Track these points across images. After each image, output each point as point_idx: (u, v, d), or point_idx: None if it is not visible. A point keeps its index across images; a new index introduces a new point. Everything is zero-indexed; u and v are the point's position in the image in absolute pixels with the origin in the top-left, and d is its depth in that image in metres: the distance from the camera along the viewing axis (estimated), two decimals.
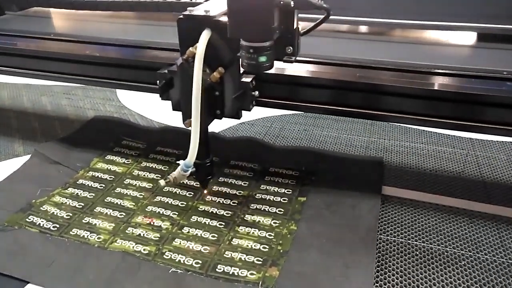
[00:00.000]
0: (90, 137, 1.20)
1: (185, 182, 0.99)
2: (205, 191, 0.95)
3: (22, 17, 2.20)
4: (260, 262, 0.77)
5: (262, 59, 0.70)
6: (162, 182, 0.80)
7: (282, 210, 0.90)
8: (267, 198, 0.94)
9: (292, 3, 0.68)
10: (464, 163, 1.09)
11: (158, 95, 0.90)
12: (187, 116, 0.79)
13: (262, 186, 0.98)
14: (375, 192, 0.95)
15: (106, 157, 1.10)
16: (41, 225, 0.86)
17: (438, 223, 0.88)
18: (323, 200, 0.93)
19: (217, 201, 0.93)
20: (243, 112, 0.86)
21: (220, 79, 0.79)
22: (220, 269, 0.76)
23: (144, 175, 1.03)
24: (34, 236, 0.84)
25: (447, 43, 1.87)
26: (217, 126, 1.26)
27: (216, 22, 0.74)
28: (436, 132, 1.24)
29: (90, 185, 0.99)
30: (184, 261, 0.78)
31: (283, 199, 0.93)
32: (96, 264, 0.77)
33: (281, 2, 0.68)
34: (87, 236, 0.84)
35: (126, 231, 0.85)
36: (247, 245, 0.81)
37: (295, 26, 0.73)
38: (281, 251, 0.80)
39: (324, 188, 0.96)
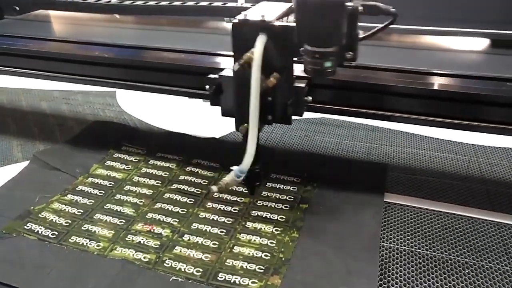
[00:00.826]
0: (90, 143, 1.19)
1: (185, 189, 0.98)
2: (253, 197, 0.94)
3: (21, 21, 2.20)
4: (262, 271, 0.76)
5: (328, 64, 0.70)
6: (214, 187, 0.78)
7: (284, 217, 0.89)
8: (269, 205, 0.93)
9: (360, 8, 0.68)
10: (467, 170, 1.08)
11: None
12: (241, 122, 0.79)
13: (263, 192, 0.97)
14: (377, 199, 0.94)
15: (106, 163, 1.09)
16: (40, 232, 0.85)
17: (441, 231, 0.87)
18: (325, 206, 0.92)
19: (218, 208, 0.92)
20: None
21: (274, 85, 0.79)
22: (222, 277, 0.75)
23: (144, 181, 1.02)
24: (33, 244, 0.83)
25: (453, 49, 1.88)
26: (218, 131, 1.25)
27: (272, 27, 0.74)
28: (438, 138, 1.23)
29: (89, 191, 0.98)
30: (185, 269, 0.77)
31: (284, 206, 0.92)
32: (96, 272, 0.76)
33: (350, 7, 0.68)
34: (87, 243, 0.83)
35: (126, 239, 0.84)
36: (249, 253, 0.80)
37: (357, 31, 0.73)
38: (283, 259, 0.79)
39: (326, 194, 0.96)
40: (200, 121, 1.32)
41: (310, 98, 0.84)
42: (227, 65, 0.90)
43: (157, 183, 1.01)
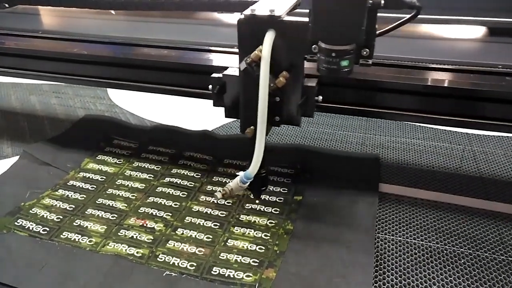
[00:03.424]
0: (81, 137, 1.17)
1: (178, 182, 0.97)
2: (257, 201, 0.90)
3: (10, 14, 2.16)
4: (256, 264, 0.75)
5: (344, 63, 0.66)
6: (218, 194, 0.75)
7: (278, 209, 0.88)
8: (263, 198, 0.92)
9: (382, 2, 0.64)
10: (462, 159, 1.08)
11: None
12: (247, 125, 0.75)
13: None
14: (372, 190, 0.94)
15: (97, 157, 1.08)
16: (31, 228, 0.84)
17: (437, 221, 0.86)
18: (319, 198, 0.91)
19: (211, 201, 0.91)
20: None
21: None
22: (216, 271, 0.74)
23: (137, 175, 1.01)
24: (23, 240, 0.81)
25: (448, 38, 1.87)
26: (211, 123, 1.24)
27: (281, 22, 0.68)
28: (432, 128, 1.22)
29: (81, 186, 0.97)
30: (178, 263, 0.76)
31: (278, 199, 0.91)
32: (88, 268, 0.75)
33: (371, 2, 0.63)
34: (78, 239, 0.81)
35: (119, 234, 0.83)
36: (243, 246, 0.79)
37: (375, 27, 0.68)
38: (278, 251, 0.78)
39: (320, 186, 0.95)
40: (192, 113, 1.31)
41: (320, 98, 0.79)
42: (230, 63, 0.86)
43: (149, 176, 1.00)
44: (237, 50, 0.74)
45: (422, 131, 1.21)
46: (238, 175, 0.74)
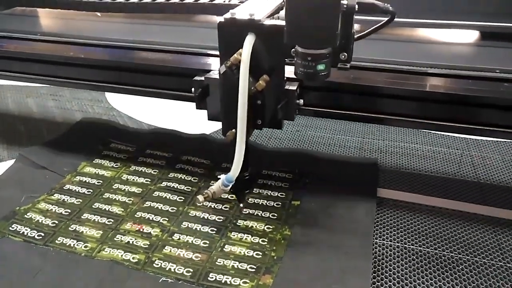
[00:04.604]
0: (78, 140, 1.17)
1: (175, 187, 0.97)
2: (241, 205, 0.88)
3: (8, 16, 2.16)
4: (254, 270, 0.75)
5: (321, 67, 0.66)
6: (200, 197, 0.75)
7: (276, 214, 0.88)
8: (260, 202, 0.91)
9: (356, 6, 0.64)
10: (459, 164, 1.07)
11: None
12: (228, 128, 0.74)
13: (255, 189, 0.95)
14: (370, 195, 0.93)
15: (94, 161, 1.07)
16: (25, 233, 0.83)
17: (435, 226, 0.86)
18: (317, 203, 0.91)
19: (208, 206, 0.91)
20: None
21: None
22: (212, 277, 0.74)
23: (134, 179, 1.00)
24: (18, 246, 0.80)
25: (443, 42, 1.87)
26: (207, 127, 1.24)
27: (261, 26, 0.69)
28: (430, 133, 1.22)
29: (77, 190, 0.96)
30: (174, 269, 0.75)
31: (276, 203, 0.91)
32: (83, 274, 0.74)
33: (345, 6, 0.63)
34: (74, 244, 0.81)
35: (115, 239, 0.82)
36: (240, 252, 0.79)
37: (352, 31, 0.68)
38: (275, 257, 0.78)
39: (318, 191, 0.94)
40: (190, 117, 1.30)
41: (301, 101, 0.80)
42: (215, 66, 0.86)
43: (146, 181, 0.99)
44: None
45: (421, 136, 1.21)
46: (219, 177, 0.74)
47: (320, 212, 0.89)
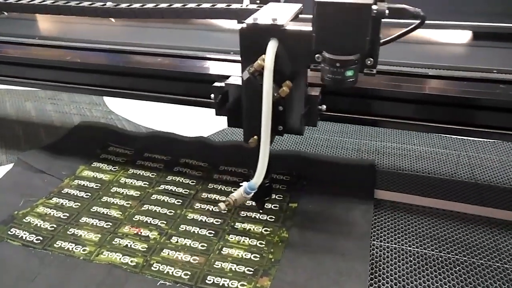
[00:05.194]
0: (76, 144, 1.17)
1: (173, 190, 0.97)
2: (260, 211, 0.88)
3: (5, 20, 2.16)
4: (251, 272, 0.75)
5: (349, 73, 0.65)
6: (222, 205, 0.74)
7: (273, 217, 0.88)
8: None
9: (387, 12, 0.62)
10: (457, 165, 1.08)
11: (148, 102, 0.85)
12: (250, 134, 0.74)
13: None
14: (367, 197, 0.94)
15: (92, 165, 1.07)
16: (24, 238, 0.83)
17: (432, 227, 0.86)
18: (315, 205, 0.91)
19: (206, 209, 0.91)
20: None
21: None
22: (210, 280, 0.74)
23: (132, 182, 1.00)
24: (17, 250, 0.81)
25: (439, 42, 1.87)
26: (206, 130, 1.24)
27: (284, 31, 0.68)
28: (427, 133, 1.22)
29: (75, 194, 0.96)
30: (172, 272, 0.76)
31: (274, 206, 0.91)
32: (82, 278, 0.74)
33: (375, 11, 0.61)
34: (72, 248, 0.81)
35: (113, 242, 0.83)
36: (238, 255, 0.79)
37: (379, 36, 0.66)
38: (273, 260, 0.78)
39: (316, 193, 0.95)
40: (187, 120, 1.31)
41: (324, 107, 0.79)
42: (224, 71, 0.86)
43: (144, 184, 1.00)
44: (231, 58, 0.74)
45: (418, 137, 1.21)
46: (242, 185, 0.73)
47: (317, 214, 0.89)
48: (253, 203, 0.91)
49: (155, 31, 2.06)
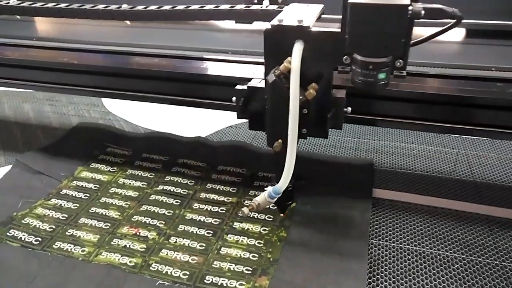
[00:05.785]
0: (74, 145, 1.17)
1: (172, 190, 0.97)
2: (282, 215, 0.88)
3: (3, 21, 2.16)
4: (250, 272, 0.75)
5: (382, 76, 0.63)
6: (245, 210, 0.75)
7: (272, 216, 0.88)
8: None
9: (423, 12, 0.60)
10: (455, 163, 1.08)
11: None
12: (274, 138, 0.73)
13: (251, 191, 0.96)
14: (365, 195, 0.94)
15: (90, 166, 1.07)
16: (23, 239, 0.83)
17: (430, 226, 0.86)
18: (313, 205, 0.91)
19: (204, 209, 0.91)
20: None
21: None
22: (209, 280, 0.74)
23: (130, 183, 1.00)
24: (16, 251, 0.81)
25: (434, 40, 1.87)
26: (204, 130, 1.24)
27: (310, 33, 0.67)
28: (426, 132, 1.23)
29: (74, 195, 0.96)
30: (171, 272, 0.76)
31: (272, 205, 0.91)
32: (81, 279, 0.75)
33: (410, 12, 0.59)
34: (71, 249, 0.81)
35: (112, 243, 0.83)
36: (236, 254, 0.79)
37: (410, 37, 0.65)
38: (271, 259, 0.78)
39: (314, 192, 0.94)
40: (185, 120, 1.31)
41: (349, 109, 0.78)
42: (225, 71, 0.86)
43: (142, 184, 1.00)
44: (228, 58, 0.74)
45: (416, 135, 1.21)
46: (266, 189, 0.74)
47: (315, 213, 0.89)
48: (251, 202, 0.91)
49: (158, 31, 2.06)
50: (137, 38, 1.98)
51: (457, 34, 1.82)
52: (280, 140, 0.73)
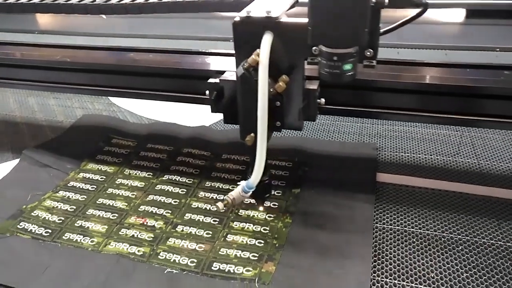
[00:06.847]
0: (80, 138, 1.18)
1: (177, 179, 0.98)
2: (261, 208, 0.88)
3: (4, 14, 2.15)
4: (256, 258, 0.76)
5: (348, 67, 0.62)
6: (220, 205, 0.74)
7: (277, 203, 0.89)
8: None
9: (386, 1, 0.59)
10: (459, 145, 1.08)
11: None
12: (247, 132, 0.72)
13: None
14: (370, 180, 0.94)
15: (96, 157, 1.08)
16: (33, 231, 0.85)
17: (434, 208, 0.87)
18: (317, 190, 0.92)
19: (210, 197, 0.92)
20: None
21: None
22: (216, 267, 0.75)
23: (136, 173, 1.02)
24: (26, 243, 0.82)
25: (436, 21, 1.85)
26: (208, 119, 1.24)
27: (279, 24, 0.66)
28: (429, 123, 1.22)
29: (81, 187, 0.98)
30: (179, 260, 0.77)
31: (277, 192, 0.92)
32: (91, 268, 0.76)
33: (374, 1, 0.59)
34: (80, 240, 0.83)
35: (120, 233, 0.84)
36: (242, 241, 0.80)
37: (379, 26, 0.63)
38: (277, 245, 0.79)
39: (318, 178, 0.95)
40: (189, 109, 1.31)
41: (323, 100, 0.77)
42: (224, 66, 0.84)
43: (148, 174, 1.01)
44: (233, 52, 0.73)
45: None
46: (239, 184, 0.73)
47: (320, 199, 0.90)
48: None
49: (153, 21, 2.05)
50: (136, 29, 1.98)
51: (458, 15, 1.81)
52: (252, 134, 0.71)
